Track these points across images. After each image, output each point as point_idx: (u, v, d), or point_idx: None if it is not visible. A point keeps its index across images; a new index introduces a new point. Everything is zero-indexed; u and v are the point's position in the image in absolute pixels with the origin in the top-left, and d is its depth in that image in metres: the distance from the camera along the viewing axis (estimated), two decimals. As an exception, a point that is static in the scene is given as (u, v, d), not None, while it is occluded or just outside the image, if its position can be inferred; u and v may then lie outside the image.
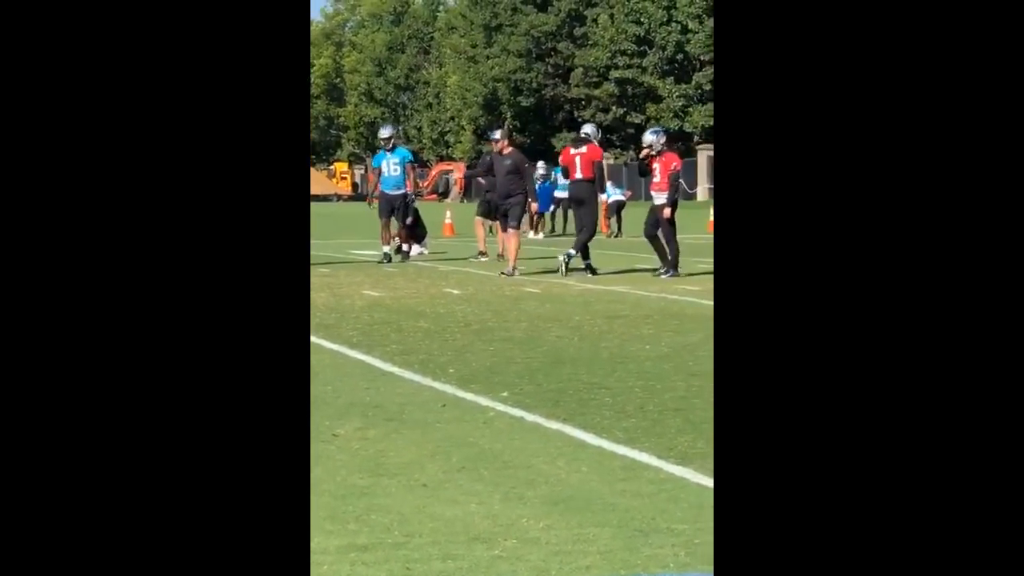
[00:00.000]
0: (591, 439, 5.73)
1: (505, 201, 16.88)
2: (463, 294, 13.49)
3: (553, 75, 75.84)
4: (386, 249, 19.04)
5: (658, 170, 16.21)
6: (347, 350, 8.90)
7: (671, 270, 15.76)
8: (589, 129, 17.54)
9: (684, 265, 16.30)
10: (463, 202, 56.90)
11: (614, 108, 69.83)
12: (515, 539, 4.15)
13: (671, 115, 65.89)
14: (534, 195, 18.10)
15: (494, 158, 17.41)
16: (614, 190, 29.26)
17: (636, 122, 66.34)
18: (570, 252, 16.28)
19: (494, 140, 17.49)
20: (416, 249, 20.25)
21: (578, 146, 16.94)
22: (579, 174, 16.57)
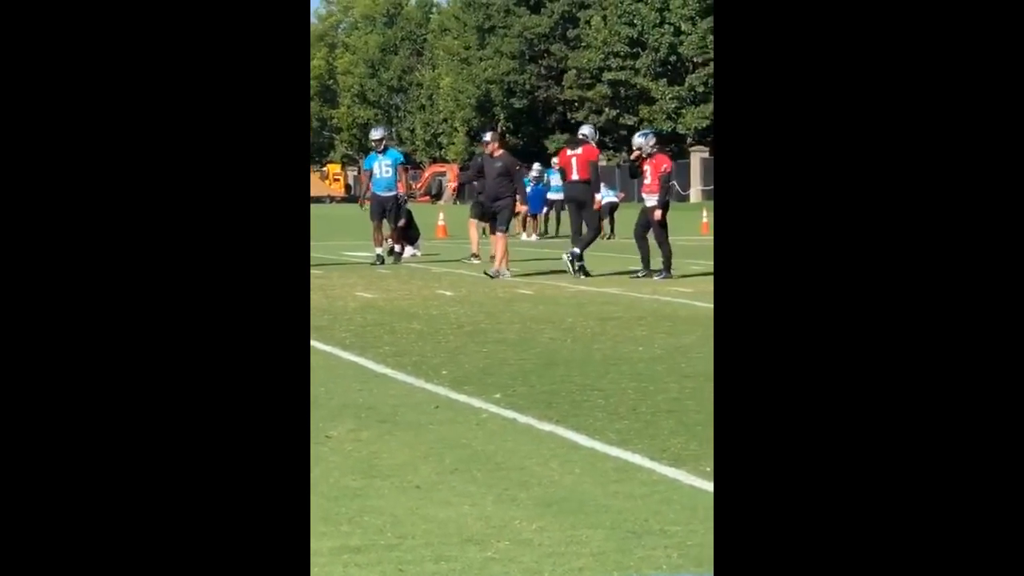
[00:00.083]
0: (584, 441, 5.73)
1: (494, 204, 16.88)
2: (456, 296, 13.49)
3: (546, 77, 75.89)
4: (378, 251, 19.04)
5: (648, 172, 16.21)
6: (340, 352, 8.89)
7: (664, 272, 15.76)
8: (587, 130, 17.54)
9: (677, 267, 16.32)
10: (456, 204, 56.87)
11: (607, 110, 69.82)
12: (508, 541, 4.15)
13: (664, 117, 65.89)
14: (524, 197, 18.08)
15: (485, 160, 17.38)
16: (607, 191, 29.24)
17: (629, 124, 66.26)
18: (574, 251, 16.23)
19: (485, 142, 17.47)
20: (409, 251, 20.25)
21: (574, 147, 16.94)
22: (576, 175, 16.57)
